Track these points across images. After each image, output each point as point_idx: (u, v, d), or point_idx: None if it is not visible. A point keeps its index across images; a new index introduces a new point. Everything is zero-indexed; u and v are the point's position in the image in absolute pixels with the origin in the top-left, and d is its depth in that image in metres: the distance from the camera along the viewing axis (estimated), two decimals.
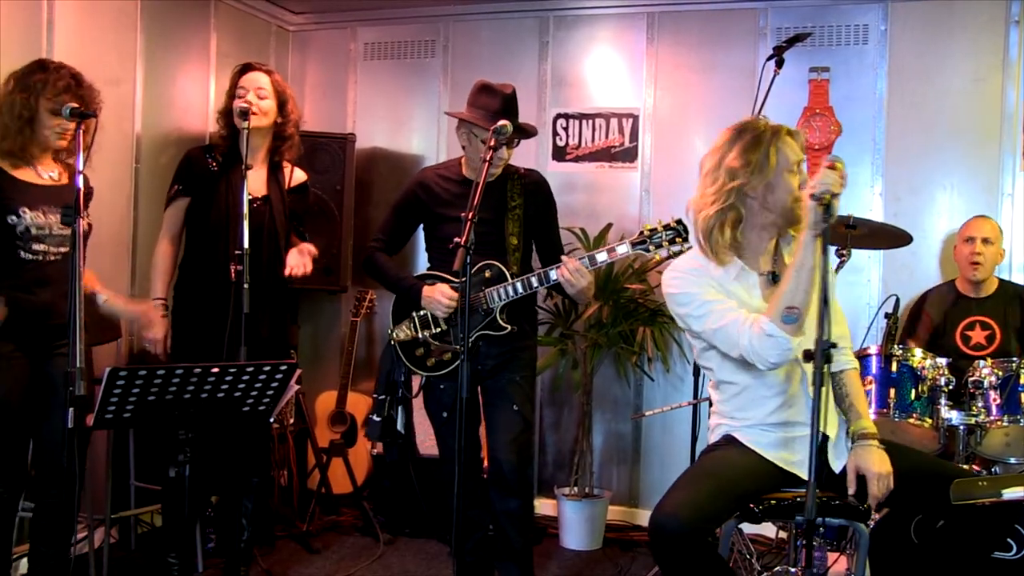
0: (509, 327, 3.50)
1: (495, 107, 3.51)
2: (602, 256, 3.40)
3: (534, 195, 3.68)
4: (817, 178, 2.46)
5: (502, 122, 3.13)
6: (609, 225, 4.97)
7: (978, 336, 4.22)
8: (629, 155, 5.17)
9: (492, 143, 3.10)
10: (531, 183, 3.70)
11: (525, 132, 3.61)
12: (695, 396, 4.27)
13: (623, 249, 3.37)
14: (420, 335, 3.58)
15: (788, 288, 2.55)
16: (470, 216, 2.91)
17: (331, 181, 5.07)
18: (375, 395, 3.67)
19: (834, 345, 2.33)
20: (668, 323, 4.83)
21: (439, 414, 3.64)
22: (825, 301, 2.33)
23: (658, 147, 5.14)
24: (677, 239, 3.33)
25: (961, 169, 4.67)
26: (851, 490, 2.65)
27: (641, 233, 3.37)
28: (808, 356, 2.34)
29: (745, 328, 2.64)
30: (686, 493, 2.55)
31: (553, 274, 3.39)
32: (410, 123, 5.58)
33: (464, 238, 2.87)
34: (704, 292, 2.73)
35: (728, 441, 2.82)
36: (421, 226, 3.78)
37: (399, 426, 3.62)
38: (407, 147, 5.57)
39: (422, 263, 4.17)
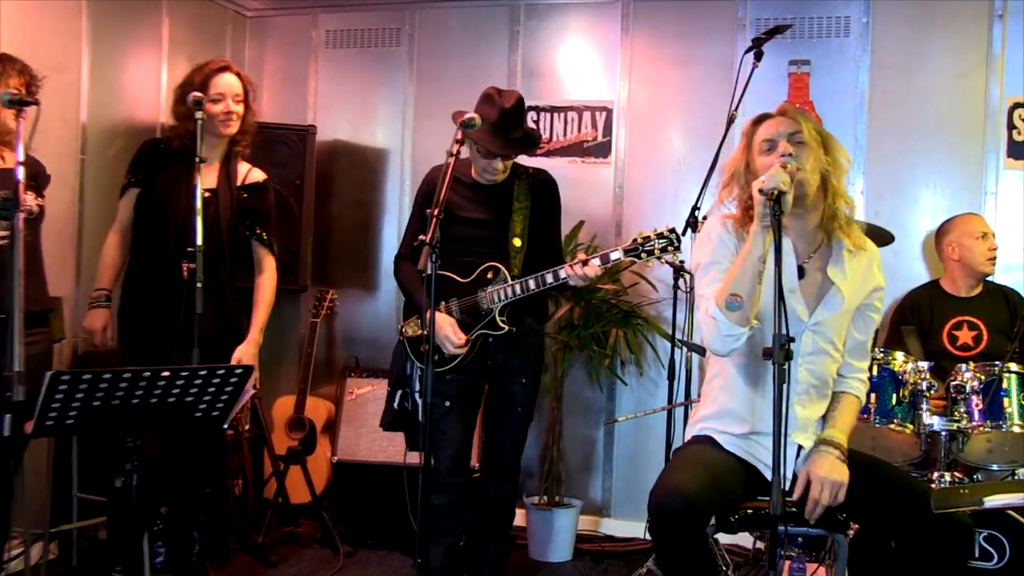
0: (506, 327, 3.67)
1: (493, 119, 3.61)
2: (596, 261, 3.51)
3: (540, 196, 3.83)
4: (768, 173, 2.59)
5: (469, 115, 3.16)
6: (581, 223, 5.00)
7: (965, 336, 4.25)
8: (602, 150, 5.19)
9: (458, 136, 3.13)
10: (538, 183, 3.85)
11: (524, 145, 3.73)
12: (670, 401, 4.27)
13: (616, 256, 3.50)
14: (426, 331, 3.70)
15: (735, 275, 2.66)
16: (435, 213, 2.96)
17: (290, 175, 5.04)
18: (388, 388, 3.90)
19: (792, 339, 2.40)
20: (642, 325, 4.86)
21: (441, 404, 3.73)
22: (781, 297, 2.40)
23: (633, 142, 5.16)
24: (669, 247, 3.46)
25: (944, 167, 4.71)
26: (796, 494, 2.70)
27: (634, 240, 3.50)
28: (767, 354, 2.41)
29: (703, 303, 2.76)
30: (687, 475, 2.61)
31: (563, 272, 3.52)
32: (374, 115, 5.56)
33: (429, 235, 2.92)
34: (719, 257, 2.83)
35: (706, 440, 2.88)
36: None
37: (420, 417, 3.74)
38: (371, 140, 5.56)
39: None
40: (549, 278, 3.55)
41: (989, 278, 4.38)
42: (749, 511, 2.78)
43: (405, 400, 3.82)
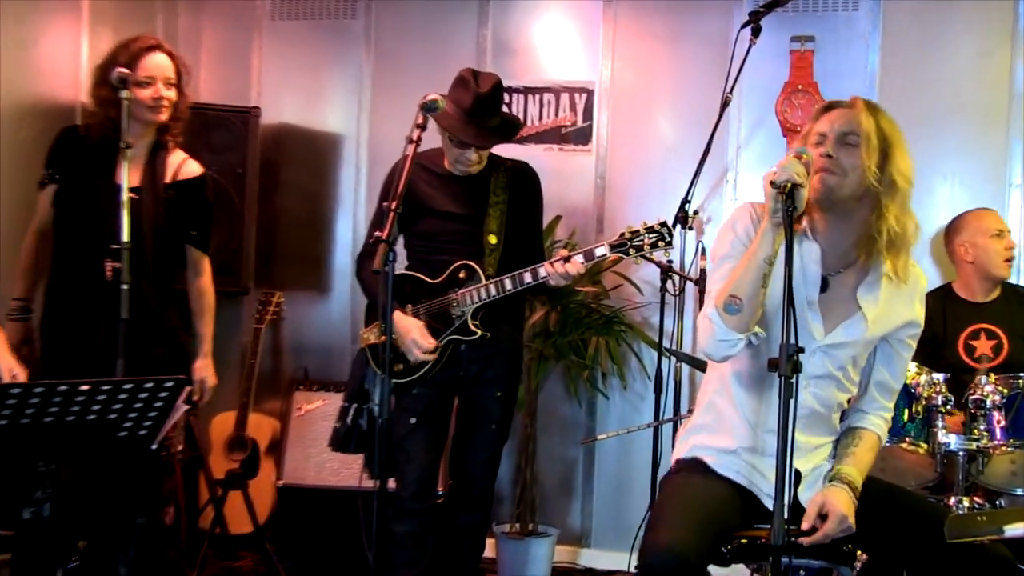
0: (480, 332, 3.67)
1: (466, 105, 3.62)
2: (580, 258, 3.51)
3: (519, 190, 3.85)
4: (780, 163, 2.56)
5: (430, 97, 3.13)
6: (558, 218, 5.00)
7: (983, 346, 4.27)
8: (582, 136, 5.18)
9: (419, 120, 3.11)
10: (518, 176, 3.87)
11: (501, 134, 3.74)
12: (657, 417, 4.27)
13: (601, 251, 3.50)
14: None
15: (737, 275, 2.65)
16: (392, 207, 2.95)
17: (231, 163, 4.99)
18: (344, 402, 3.88)
19: (801, 350, 2.38)
20: (626, 332, 4.86)
21: (406, 420, 3.74)
22: (791, 302, 2.37)
23: (616, 127, 5.16)
24: (660, 243, 3.46)
25: (963, 156, 4.74)
26: (806, 524, 2.70)
27: (621, 235, 3.50)
28: (772, 365, 2.40)
29: (707, 301, 2.77)
30: (680, 530, 2.58)
31: (542, 271, 3.52)
32: (326, 96, 5.54)
33: (386, 231, 2.89)
34: (736, 252, 2.81)
35: (696, 467, 2.87)
36: None
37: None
38: (322, 124, 5.54)
39: None
40: (527, 277, 3.55)
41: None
42: (744, 540, 2.77)
43: (360, 416, 3.80)
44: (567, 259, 3.48)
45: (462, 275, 3.71)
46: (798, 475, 2.83)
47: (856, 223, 2.76)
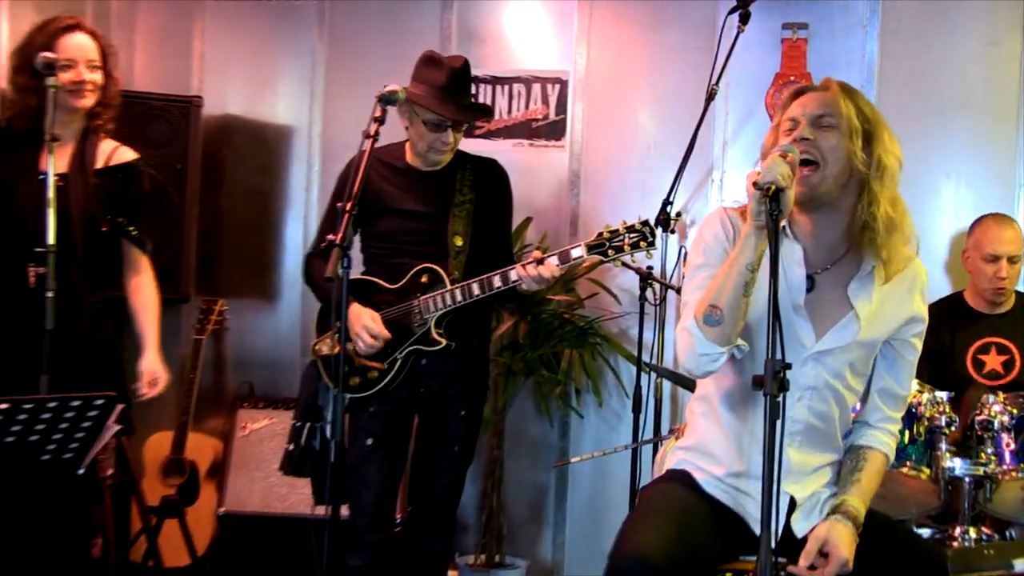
0: (444, 342, 3.66)
1: (440, 82, 3.67)
2: (554, 260, 3.51)
3: (487, 188, 3.86)
4: (765, 163, 2.55)
5: (389, 87, 3.14)
6: (528, 220, 5.01)
7: (993, 362, 4.30)
8: (555, 130, 5.20)
9: (377, 113, 3.13)
10: (486, 173, 3.89)
11: (481, 110, 3.87)
12: (635, 437, 4.28)
13: (578, 253, 3.50)
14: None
15: (716, 284, 2.64)
16: (347, 207, 2.97)
17: (170, 157, 4.97)
18: (293, 421, 3.87)
19: (788, 366, 2.36)
20: (601, 345, 4.88)
21: (362, 441, 3.73)
22: (776, 316, 2.36)
23: (592, 121, 5.18)
24: (642, 243, 3.47)
25: (970, 154, 4.78)
26: (804, 562, 2.68)
27: (600, 235, 3.50)
28: (756, 383, 2.38)
29: (684, 313, 2.76)
30: (652, 534, 2.58)
31: (513, 274, 3.52)
32: (275, 84, 5.54)
33: (340, 235, 2.91)
34: (711, 260, 2.81)
35: (682, 478, 2.87)
36: None
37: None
38: (271, 115, 5.53)
39: None
40: (496, 281, 3.55)
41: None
42: (729, 574, 2.76)
43: (313, 436, 3.79)
44: (540, 261, 3.48)
45: (424, 279, 3.70)
46: (792, 501, 2.83)
47: (843, 213, 2.76)
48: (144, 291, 3.93)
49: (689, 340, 2.67)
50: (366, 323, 3.64)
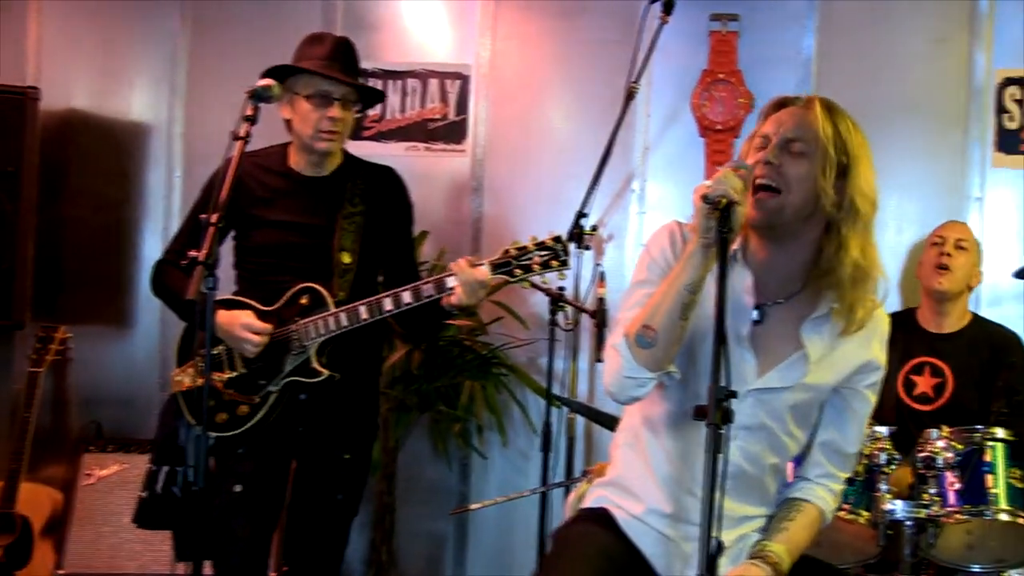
0: (326, 373, 3.65)
1: (323, 53, 3.73)
2: (451, 282, 3.51)
3: (382, 199, 3.88)
4: (715, 175, 2.62)
5: (263, 82, 3.23)
6: (424, 233, 5.06)
7: (924, 384, 4.50)
8: (455, 133, 5.30)
9: (248, 112, 3.19)
10: (379, 182, 3.90)
11: (372, 92, 3.89)
12: (544, 480, 4.36)
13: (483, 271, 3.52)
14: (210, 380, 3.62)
15: (653, 303, 2.72)
16: (213, 220, 3.02)
17: None
18: (149, 464, 3.81)
19: (733, 394, 2.46)
20: (507, 375, 4.98)
21: (229, 487, 3.71)
22: (722, 339, 2.47)
23: (497, 122, 5.30)
24: (553, 262, 3.49)
25: (916, 162, 4.99)
26: None
27: (505, 252, 3.52)
28: (699, 413, 2.48)
29: (616, 331, 2.84)
30: None
31: (451, 280, 3.51)
32: (128, 75, 5.56)
33: (204, 251, 2.97)
34: (653, 276, 2.88)
35: (597, 517, 2.95)
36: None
37: None
38: (124, 111, 5.55)
39: None
40: (406, 297, 3.55)
41: (965, 313, 4.61)
42: None
43: (173, 482, 3.77)
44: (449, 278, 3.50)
45: (304, 301, 3.68)
46: (720, 546, 2.91)
47: (804, 245, 2.84)
48: None
49: (617, 360, 2.74)
50: (245, 321, 3.63)
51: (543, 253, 3.49)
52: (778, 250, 2.85)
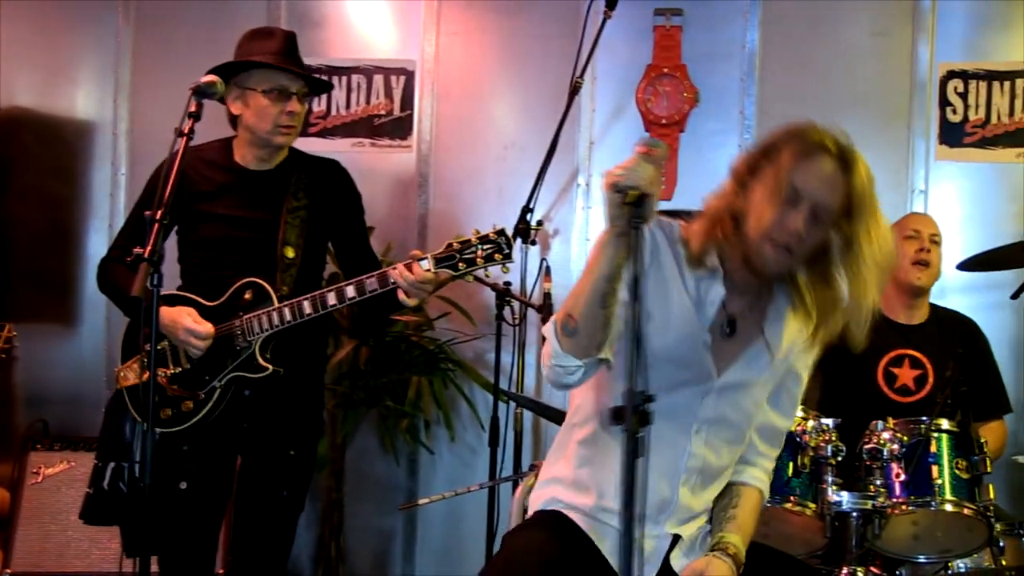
0: (270, 369, 3.63)
1: (276, 48, 3.74)
2: (426, 263, 3.48)
3: (326, 192, 3.86)
4: (625, 163, 2.55)
5: (207, 78, 3.21)
6: (370, 229, 4.93)
7: (906, 376, 4.47)
8: (400, 128, 5.29)
9: (192, 108, 3.16)
10: (324, 176, 3.89)
11: (323, 85, 3.93)
12: (493, 475, 4.35)
13: (424, 266, 3.49)
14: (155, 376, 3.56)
15: (575, 290, 2.70)
16: (157, 216, 2.98)
17: None
18: (95, 460, 3.79)
19: (650, 399, 2.41)
20: (454, 370, 4.96)
21: (174, 484, 3.68)
22: (637, 340, 2.41)
23: (442, 117, 5.28)
24: (497, 255, 3.47)
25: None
26: None
27: (449, 246, 3.49)
28: (616, 416, 2.42)
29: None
30: None
31: (394, 275, 3.48)
32: (72, 73, 5.53)
33: (148, 247, 2.92)
34: None
35: (550, 520, 2.93)
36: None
37: None
38: (67, 108, 5.52)
39: None
40: (371, 283, 3.53)
41: (924, 303, 4.60)
42: None
43: (120, 478, 3.73)
44: (408, 267, 3.48)
45: (248, 296, 3.66)
46: (676, 538, 2.91)
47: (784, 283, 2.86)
48: None
49: (548, 347, 2.73)
50: (188, 325, 3.60)
51: (486, 246, 3.47)
52: (762, 285, 2.85)
